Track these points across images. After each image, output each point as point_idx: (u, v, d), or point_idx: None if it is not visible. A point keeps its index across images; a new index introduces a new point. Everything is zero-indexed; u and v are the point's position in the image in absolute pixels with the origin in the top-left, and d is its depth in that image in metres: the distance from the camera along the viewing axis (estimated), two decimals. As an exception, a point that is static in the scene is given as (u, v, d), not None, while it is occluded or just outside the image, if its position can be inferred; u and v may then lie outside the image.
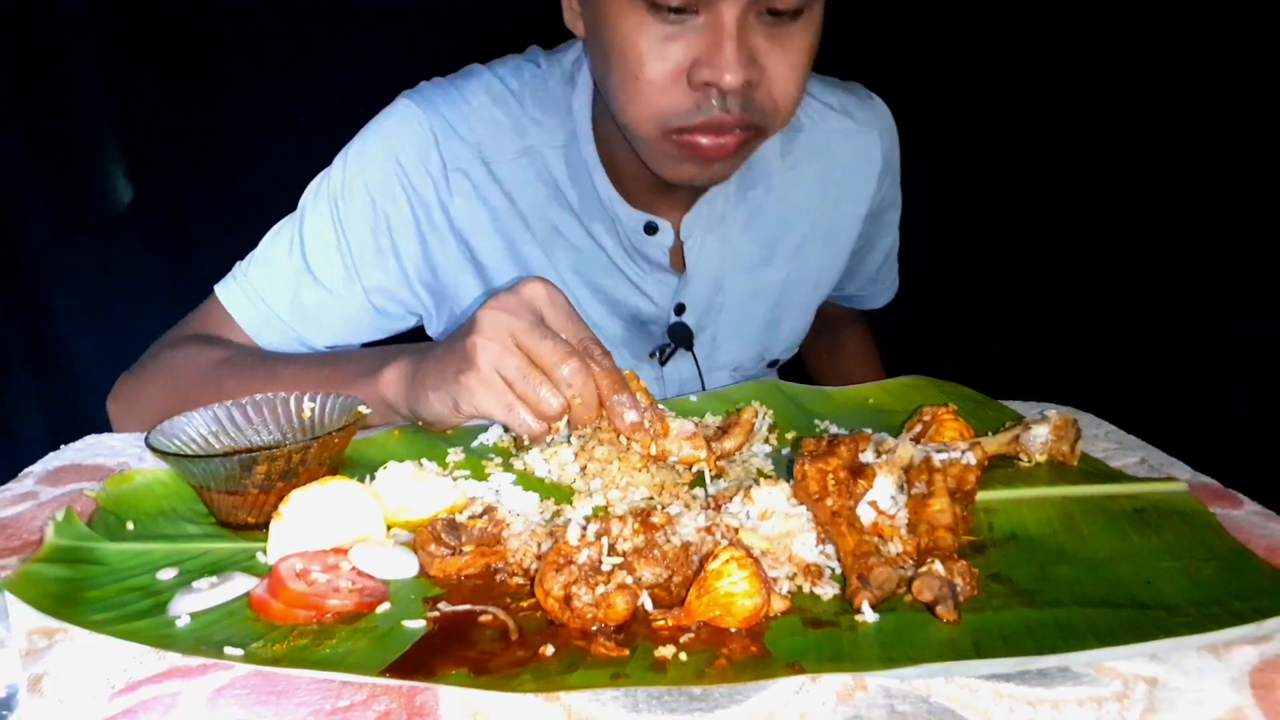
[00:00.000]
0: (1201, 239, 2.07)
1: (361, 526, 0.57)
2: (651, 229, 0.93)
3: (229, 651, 0.46)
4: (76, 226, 2.01)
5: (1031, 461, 0.69)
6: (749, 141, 0.79)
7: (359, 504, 0.57)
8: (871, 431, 0.65)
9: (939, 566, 0.50)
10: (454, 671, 0.44)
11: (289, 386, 0.71)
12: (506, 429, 0.72)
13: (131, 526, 0.60)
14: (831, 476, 0.56)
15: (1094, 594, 0.51)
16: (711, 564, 0.48)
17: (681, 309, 0.97)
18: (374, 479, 0.61)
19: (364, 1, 2.03)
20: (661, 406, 0.69)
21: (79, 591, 0.52)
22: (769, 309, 1.01)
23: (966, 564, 0.52)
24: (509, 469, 0.68)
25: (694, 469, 0.66)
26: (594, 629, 0.48)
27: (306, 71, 2.05)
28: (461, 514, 0.59)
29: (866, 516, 0.56)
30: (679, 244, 0.95)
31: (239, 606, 0.51)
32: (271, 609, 0.50)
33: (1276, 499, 0.65)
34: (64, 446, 0.77)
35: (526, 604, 0.51)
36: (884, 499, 0.56)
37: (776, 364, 1.08)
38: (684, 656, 0.46)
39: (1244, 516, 0.62)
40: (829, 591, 0.52)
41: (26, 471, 0.72)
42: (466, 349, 0.67)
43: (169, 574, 0.55)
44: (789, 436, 0.75)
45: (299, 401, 0.69)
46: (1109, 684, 0.44)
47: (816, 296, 1.06)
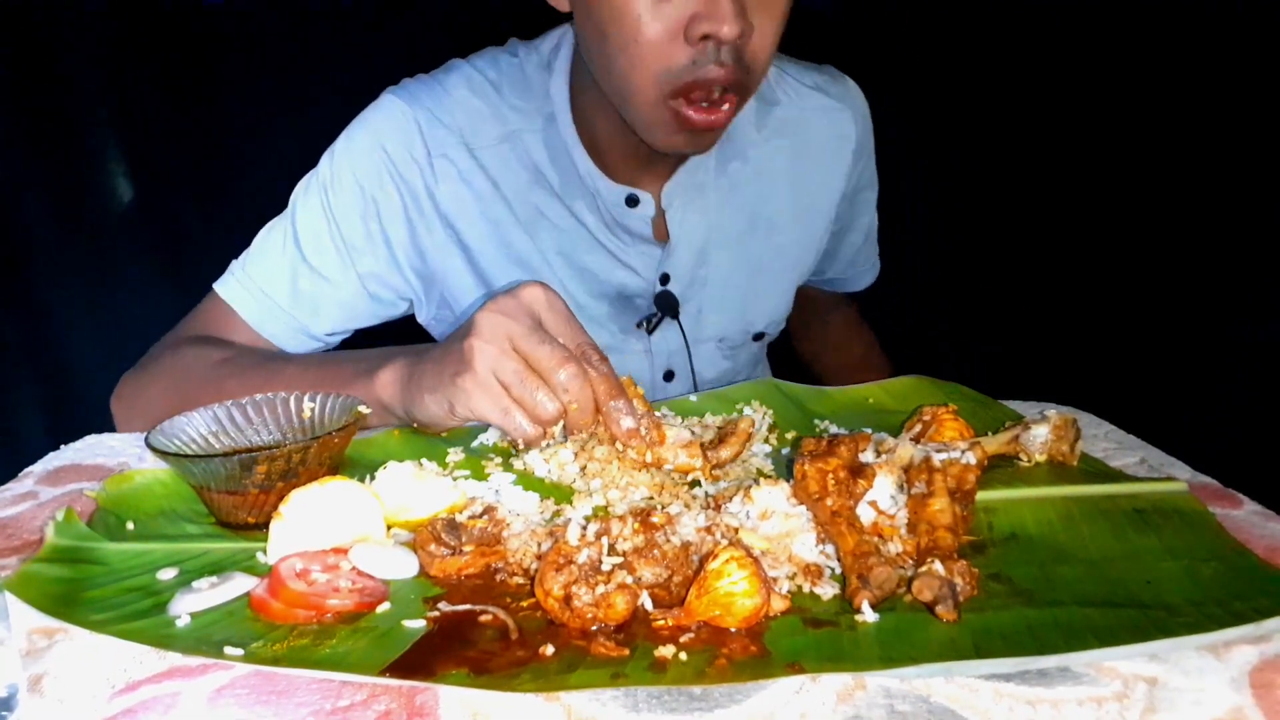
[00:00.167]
0: (1201, 239, 2.07)
1: (361, 526, 0.57)
2: (633, 201, 0.95)
3: (229, 651, 0.46)
4: (76, 226, 2.01)
5: (1031, 461, 0.69)
6: (734, 109, 0.83)
7: (359, 504, 0.57)
8: (871, 431, 0.65)
9: (939, 566, 0.50)
10: (454, 671, 0.44)
11: (287, 387, 0.71)
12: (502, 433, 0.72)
13: (131, 526, 0.60)
14: (831, 476, 0.56)
15: (1094, 594, 0.51)
16: (711, 564, 0.48)
17: (666, 279, 0.99)
18: (374, 479, 0.61)
19: (363, 3, 2.03)
20: (659, 413, 0.69)
21: (79, 591, 0.52)
22: (750, 281, 1.03)
23: (966, 564, 0.52)
24: (509, 469, 0.68)
25: (689, 477, 0.66)
26: (594, 629, 0.48)
27: (305, 72, 2.06)
28: (461, 514, 0.59)
29: (866, 516, 0.56)
30: (661, 215, 0.97)
31: (239, 606, 0.51)
32: (271, 609, 0.50)
33: (1276, 499, 0.65)
34: (64, 446, 0.77)
35: (526, 604, 0.51)
36: (884, 499, 0.56)
37: (763, 338, 1.09)
38: (684, 656, 0.46)
39: (1244, 516, 0.62)
40: (829, 591, 0.52)
41: (26, 471, 0.72)
42: (464, 352, 0.67)
43: (169, 574, 0.55)
44: (789, 436, 0.75)
45: (299, 401, 0.69)
46: (1109, 684, 0.44)
47: (797, 272, 1.08)
